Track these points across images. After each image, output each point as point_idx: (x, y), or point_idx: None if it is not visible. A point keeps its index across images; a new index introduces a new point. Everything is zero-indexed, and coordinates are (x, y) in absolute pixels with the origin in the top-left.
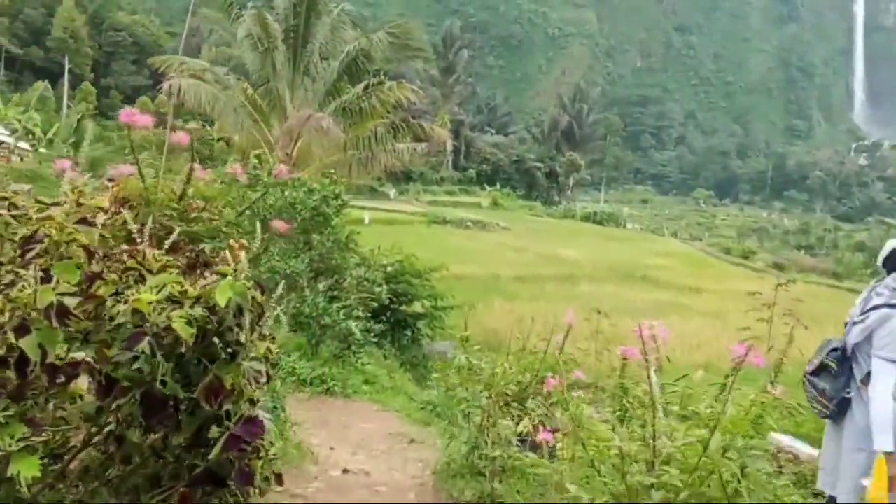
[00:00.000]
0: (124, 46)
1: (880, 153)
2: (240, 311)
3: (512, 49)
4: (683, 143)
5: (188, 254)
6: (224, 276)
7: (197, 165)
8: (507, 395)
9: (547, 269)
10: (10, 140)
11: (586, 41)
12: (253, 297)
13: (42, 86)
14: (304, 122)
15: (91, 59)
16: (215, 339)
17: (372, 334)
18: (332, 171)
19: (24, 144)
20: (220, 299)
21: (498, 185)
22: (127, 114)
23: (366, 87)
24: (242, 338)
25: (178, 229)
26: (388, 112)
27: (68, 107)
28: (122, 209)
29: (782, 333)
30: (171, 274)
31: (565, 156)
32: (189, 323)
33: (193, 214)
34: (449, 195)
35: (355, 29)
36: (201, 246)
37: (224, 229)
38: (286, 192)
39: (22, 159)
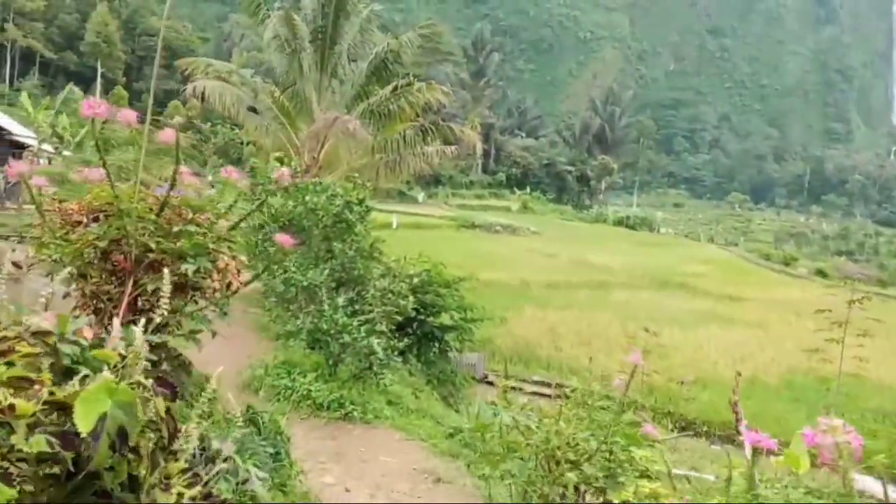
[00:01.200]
0: (156, 51)
1: None
2: (123, 438)
3: (542, 53)
4: (717, 146)
5: (173, 275)
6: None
7: (185, 168)
8: (561, 462)
9: (579, 275)
10: (35, 143)
11: (618, 44)
12: (157, 410)
13: (70, 89)
14: (330, 125)
15: (123, 64)
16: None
17: (396, 352)
18: (356, 174)
19: (48, 147)
20: (82, 422)
21: (528, 189)
22: (88, 105)
23: (394, 89)
24: (142, 471)
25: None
26: (417, 115)
27: None
28: (95, 221)
29: (852, 356)
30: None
31: (597, 159)
32: (8, 475)
33: (176, 228)
34: (478, 199)
35: (385, 32)
36: (183, 267)
37: (212, 245)
38: (307, 198)
39: (50, 161)
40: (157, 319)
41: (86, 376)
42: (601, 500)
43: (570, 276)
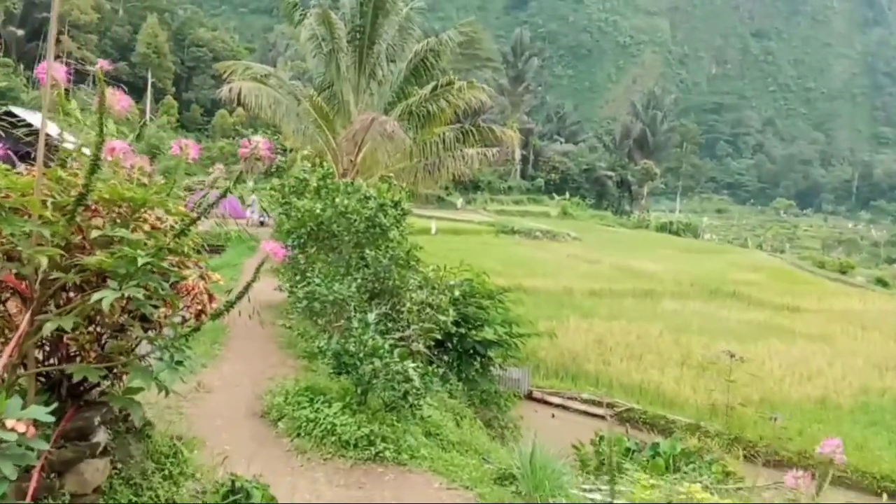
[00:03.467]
0: (205, 61)
1: None
2: None
3: (581, 58)
4: (761, 150)
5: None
6: None
7: (121, 144)
8: None
9: (624, 283)
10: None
11: (658, 49)
12: None
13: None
14: (368, 126)
15: (173, 74)
16: None
17: (436, 378)
18: (392, 175)
19: (87, 150)
20: None
21: (567, 195)
22: (41, 70)
23: (434, 89)
24: None
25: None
26: (458, 118)
27: (151, 119)
28: None
29: None
30: None
31: (638, 164)
32: None
33: (98, 233)
34: (516, 204)
35: (426, 37)
36: (95, 297)
37: (148, 260)
38: (337, 200)
39: None
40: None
41: None
42: None
43: (615, 283)
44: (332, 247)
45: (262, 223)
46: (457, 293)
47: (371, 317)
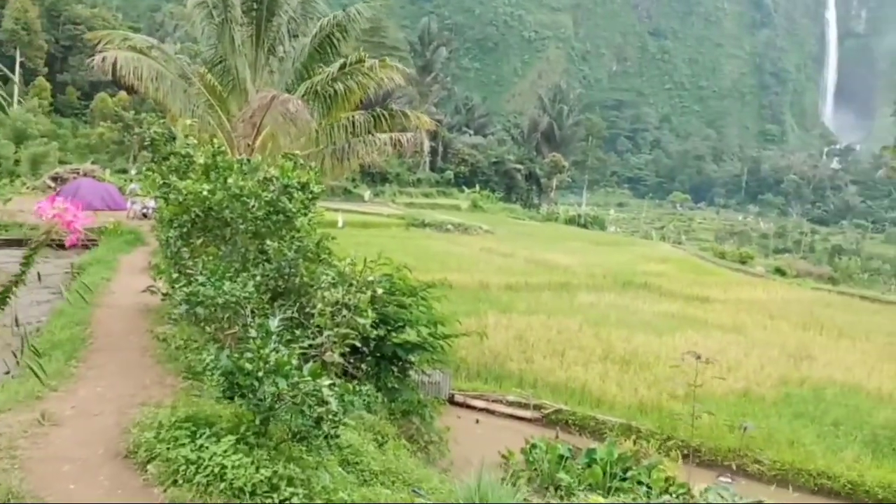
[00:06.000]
0: (82, 41)
1: (852, 157)
2: None
3: (487, 51)
4: (659, 146)
5: None
6: None
7: None
8: None
9: (539, 276)
10: None
11: (562, 45)
12: None
13: None
14: (267, 106)
15: (45, 53)
16: None
17: (357, 397)
18: (297, 152)
19: None
20: None
21: (477, 187)
22: None
23: (342, 67)
24: None
25: None
26: (371, 101)
27: (19, 102)
28: None
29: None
30: None
31: (546, 157)
32: None
33: None
34: (426, 197)
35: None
36: None
37: None
38: (230, 180)
39: None
40: None
41: None
42: None
43: (530, 277)
44: (224, 237)
45: (144, 215)
46: (378, 290)
47: (273, 323)
